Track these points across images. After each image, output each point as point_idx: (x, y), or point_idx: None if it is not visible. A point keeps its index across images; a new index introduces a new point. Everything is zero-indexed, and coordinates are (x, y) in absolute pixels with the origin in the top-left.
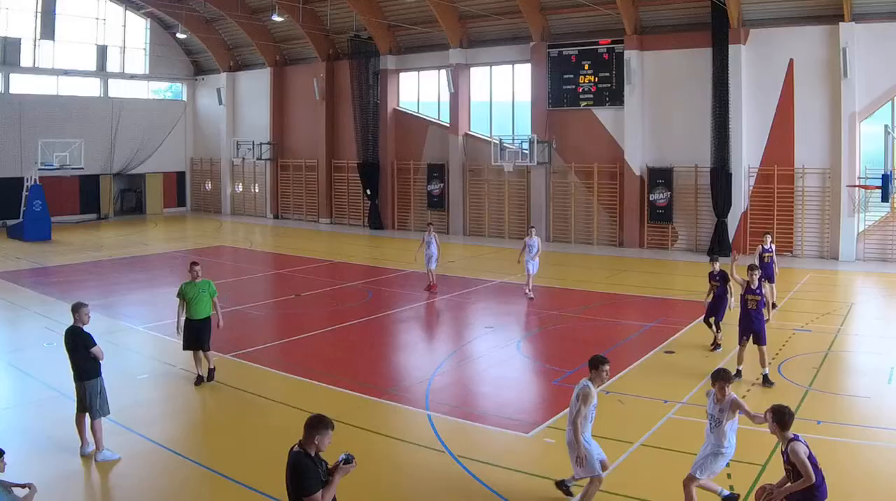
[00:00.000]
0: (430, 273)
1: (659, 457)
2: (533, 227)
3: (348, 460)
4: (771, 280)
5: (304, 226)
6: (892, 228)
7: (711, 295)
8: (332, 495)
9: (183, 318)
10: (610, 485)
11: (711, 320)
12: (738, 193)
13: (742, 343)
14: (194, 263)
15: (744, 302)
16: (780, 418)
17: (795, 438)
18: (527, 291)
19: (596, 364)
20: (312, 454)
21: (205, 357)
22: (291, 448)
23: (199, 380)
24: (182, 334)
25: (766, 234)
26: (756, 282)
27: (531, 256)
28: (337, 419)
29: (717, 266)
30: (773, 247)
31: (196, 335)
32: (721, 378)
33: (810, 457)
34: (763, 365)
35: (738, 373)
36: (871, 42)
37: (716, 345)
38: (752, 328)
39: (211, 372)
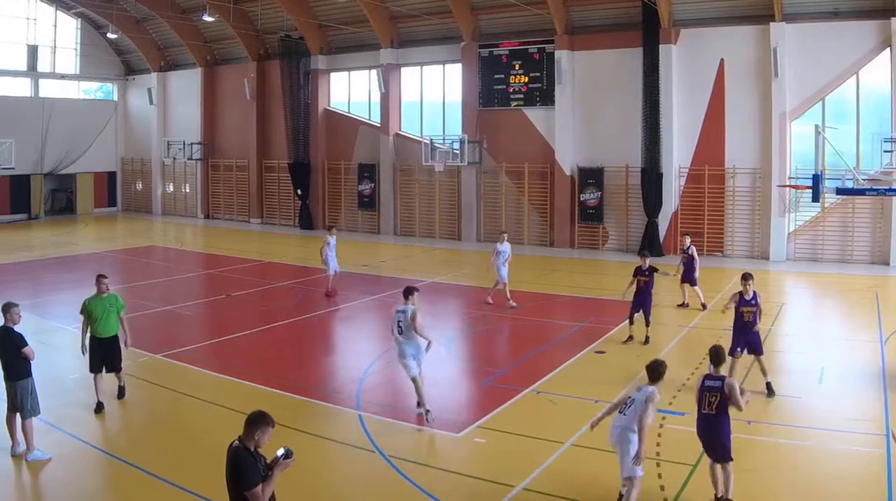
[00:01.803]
0: (330, 278)
1: (590, 457)
2: (504, 233)
3: (287, 455)
4: (692, 282)
5: (234, 225)
6: (822, 228)
7: (635, 291)
8: (272, 489)
9: (87, 337)
10: (541, 486)
11: (635, 316)
12: (668, 193)
13: (736, 355)
14: (102, 276)
15: (738, 314)
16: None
17: (705, 375)
18: (488, 299)
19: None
20: (252, 449)
21: (116, 377)
22: (231, 444)
23: (100, 407)
24: (88, 355)
25: (686, 236)
26: (750, 293)
27: (502, 262)
28: None
29: (648, 261)
30: (693, 248)
31: (106, 356)
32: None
33: (697, 393)
34: (765, 375)
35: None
36: (802, 42)
37: (642, 339)
38: (748, 340)
39: (121, 389)
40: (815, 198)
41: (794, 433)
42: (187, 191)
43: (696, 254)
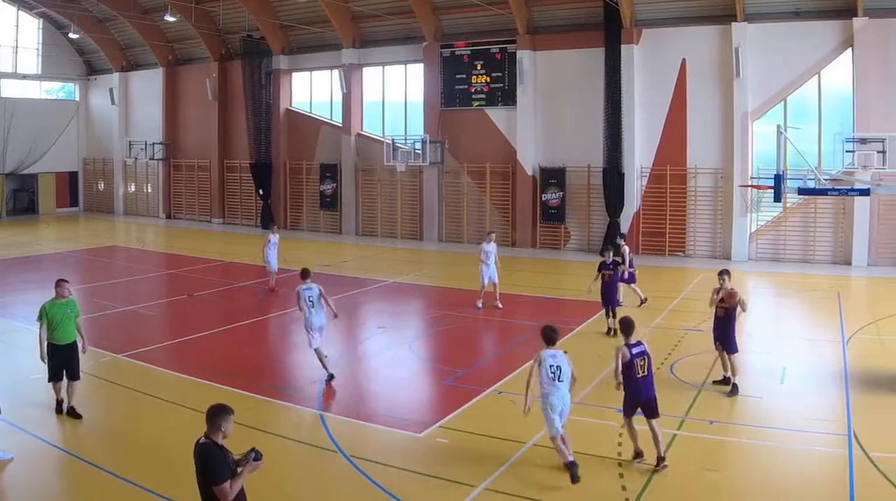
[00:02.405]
0: (272, 275)
1: (551, 457)
2: (492, 233)
3: (257, 456)
4: (630, 280)
5: (196, 225)
6: (784, 228)
7: (600, 284)
8: (240, 486)
9: (46, 344)
10: (502, 486)
11: (609, 309)
12: (630, 193)
13: (718, 349)
14: (63, 280)
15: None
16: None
17: (626, 345)
18: (478, 303)
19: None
20: (219, 442)
21: (70, 386)
22: (197, 441)
23: (61, 407)
24: (48, 362)
25: (620, 236)
26: (728, 287)
27: (488, 263)
28: None
29: (611, 255)
30: (627, 248)
31: (65, 363)
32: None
33: (627, 364)
34: (733, 374)
35: (726, 380)
36: (764, 42)
37: (611, 330)
38: (718, 336)
39: (72, 409)
40: (777, 198)
41: (756, 433)
42: (149, 191)
43: (627, 254)
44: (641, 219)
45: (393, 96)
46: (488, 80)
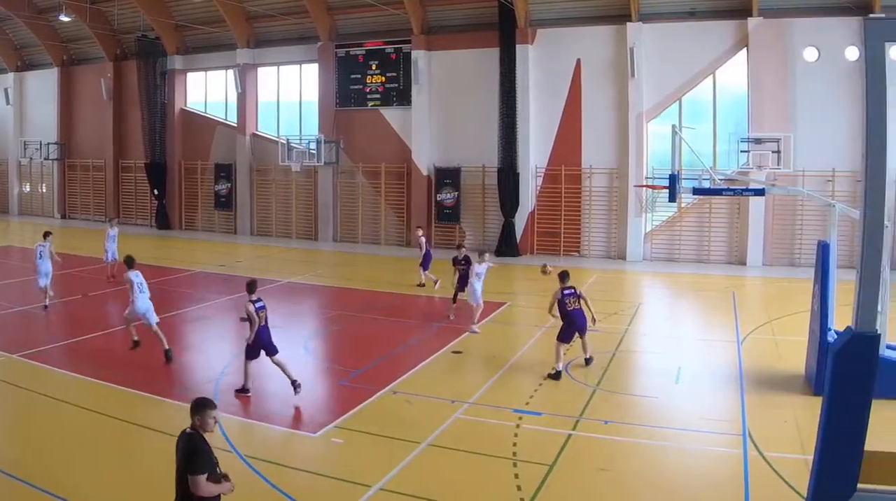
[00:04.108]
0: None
1: (447, 457)
2: (486, 252)
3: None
4: (425, 267)
5: (91, 225)
6: (679, 228)
7: (457, 276)
8: (217, 493)
9: None
10: (397, 485)
11: (457, 295)
12: (525, 193)
13: (570, 341)
14: None
15: (562, 304)
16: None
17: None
18: (451, 316)
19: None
20: (206, 436)
21: None
22: (183, 431)
23: None
24: None
25: (419, 228)
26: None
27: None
28: (125, 419)
29: (464, 251)
30: (424, 237)
31: None
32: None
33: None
34: (586, 351)
35: (558, 374)
36: (659, 42)
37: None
38: (575, 326)
39: None
40: (672, 199)
41: (651, 433)
42: (44, 190)
43: (424, 244)
44: (536, 219)
45: (288, 96)
46: (383, 80)
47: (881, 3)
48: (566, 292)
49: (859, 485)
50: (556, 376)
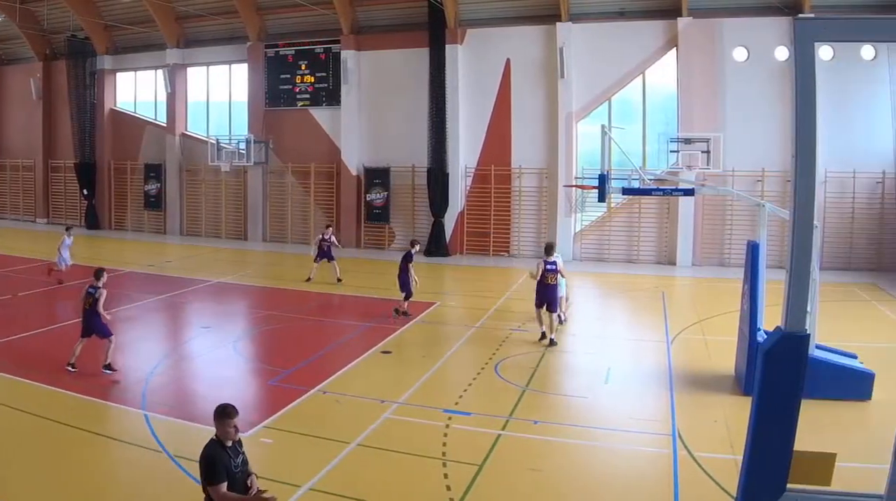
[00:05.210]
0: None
1: (376, 457)
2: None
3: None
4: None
5: (20, 225)
6: (608, 228)
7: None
8: None
9: None
10: (327, 485)
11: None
12: (454, 193)
13: (540, 307)
14: None
15: (543, 276)
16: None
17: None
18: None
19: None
20: (228, 444)
21: None
22: (209, 440)
23: None
24: None
25: (328, 227)
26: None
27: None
28: (55, 419)
29: (417, 247)
30: (333, 236)
31: None
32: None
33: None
34: (551, 330)
35: (544, 335)
36: (589, 42)
37: (404, 313)
38: (546, 298)
39: None
40: (602, 199)
41: (581, 433)
42: None
43: (334, 240)
44: (466, 219)
45: (217, 96)
46: (313, 80)
47: (811, 4)
48: (549, 266)
49: (789, 485)
50: (543, 338)
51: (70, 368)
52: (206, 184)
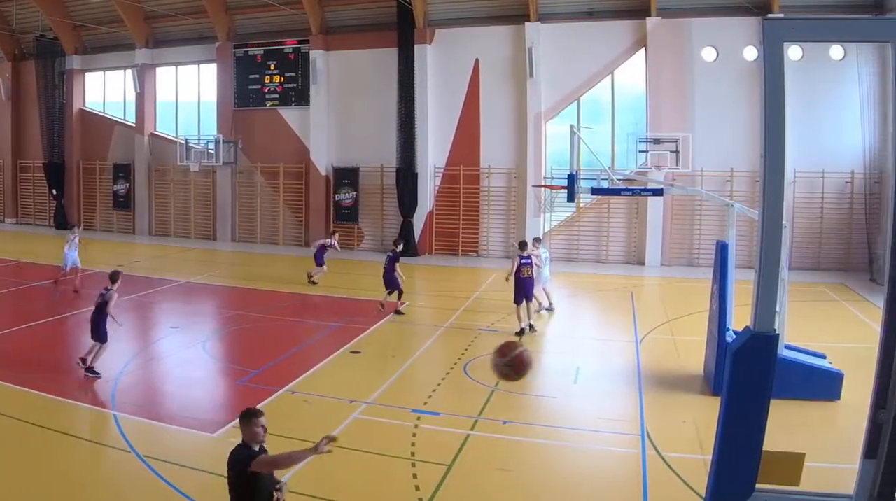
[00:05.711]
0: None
1: (345, 457)
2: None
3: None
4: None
5: None
6: (577, 228)
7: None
8: (294, 461)
9: None
10: (297, 485)
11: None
12: (423, 193)
13: (519, 303)
14: None
15: (519, 271)
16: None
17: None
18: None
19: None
20: (256, 448)
21: None
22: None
23: None
24: None
25: (335, 232)
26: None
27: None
28: (23, 419)
29: (400, 246)
30: (335, 241)
31: None
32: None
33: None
34: (529, 317)
35: (523, 331)
36: (558, 42)
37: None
38: (524, 291)
39: None
40: (571, 199)
41: (550, 433)
42: None
43: (336, 245)
44: (435, 219)
45: (186, 96)
46: (282, 80)
47: (780, 4)
48: (524, 261)
49: (758, 485)
50: (521, 333)
51: (88, 373)
52: (174, 184)
